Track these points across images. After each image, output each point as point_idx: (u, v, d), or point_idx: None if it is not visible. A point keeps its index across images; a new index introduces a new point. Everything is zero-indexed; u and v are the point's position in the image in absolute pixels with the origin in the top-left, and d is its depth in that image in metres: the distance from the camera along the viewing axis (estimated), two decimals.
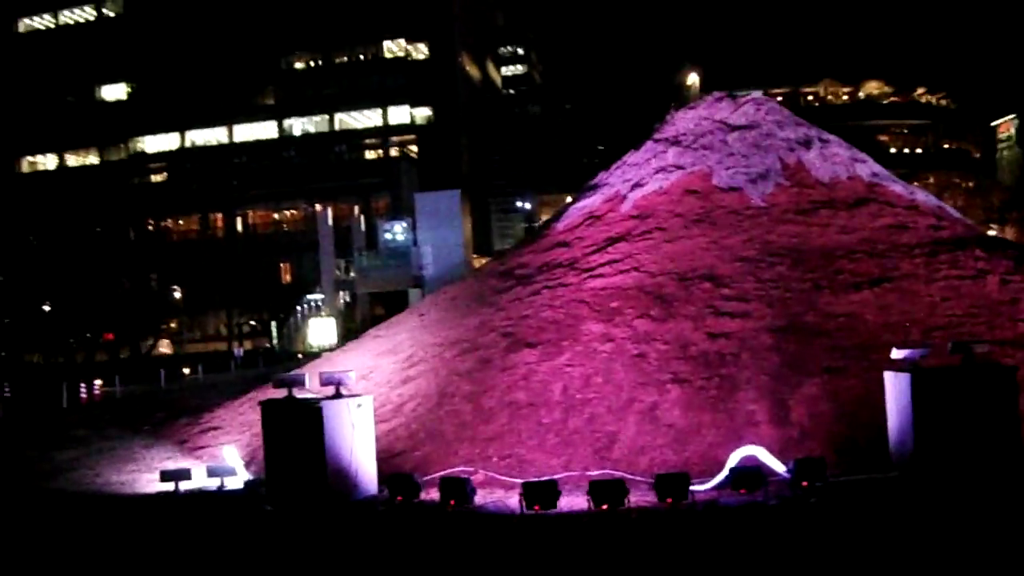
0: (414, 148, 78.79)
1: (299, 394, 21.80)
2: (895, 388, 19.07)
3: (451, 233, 62.29)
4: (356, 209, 67.05)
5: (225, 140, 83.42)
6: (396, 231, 63.64)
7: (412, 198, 73.85)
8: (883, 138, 66.43)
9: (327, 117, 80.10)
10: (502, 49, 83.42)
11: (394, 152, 78.94)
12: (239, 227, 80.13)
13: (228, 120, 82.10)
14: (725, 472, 19.67)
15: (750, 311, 25.76)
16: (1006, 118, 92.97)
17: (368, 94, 77.32)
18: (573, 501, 19.50)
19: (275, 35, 78.07)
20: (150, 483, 24.09)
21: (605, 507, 18.27)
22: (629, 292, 27.74)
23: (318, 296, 62.42)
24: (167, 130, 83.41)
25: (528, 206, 73.97)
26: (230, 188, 76.57)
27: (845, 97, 69.23)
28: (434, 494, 19.96)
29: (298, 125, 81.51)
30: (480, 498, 19.95)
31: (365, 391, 28.20)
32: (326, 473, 20.47)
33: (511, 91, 79.42)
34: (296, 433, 20.83)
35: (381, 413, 25.46)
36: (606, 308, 27.23)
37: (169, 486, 22.32)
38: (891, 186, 30.88)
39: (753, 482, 19.17)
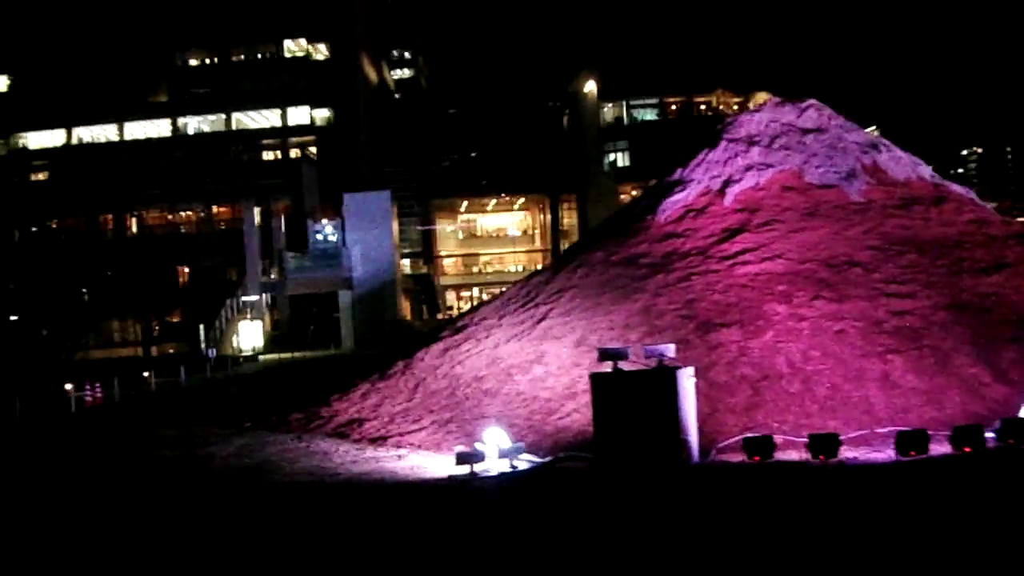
0: (313, 150, 78.12)
1: (624, 367, 23.28)
2: None
3: (381, 234, 62.75)
4: (257, 211, 65.88)
5: (115, 138, 78.97)
6: (327, 232, 63.29)
7: (314, 201, 73.24)
8: None
9: (224, 116, 77.74)
10: (393, 52, 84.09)
11: (294, 153, 77.94)
12: (134, 228, 76.15)
13: (119, 117, 77.72)
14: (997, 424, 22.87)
15: (912, 292, 29.60)
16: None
17: (267, 94, 75.79)
18: (876, 455, 22.32)
19: (170, 30, 74.90)
20: (413, 469, 24.49)
21: (912, 455, 21.18)
22: (786, 277, 30.86)
23: (252, 298, 61.04)
24: (52, 126, 77.84)
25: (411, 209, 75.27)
26: (121, 188, 72.73)
27: (736, 107, 75.49)
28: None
29: (193, 124, 78.48)
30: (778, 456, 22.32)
31: (551, 373, 29.86)
32: (679, 437, 22.22)
33: (399, 95, 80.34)
34: (642, 401, 22.33)
35: None
36: (776, 291, 30.21)
37: (463, 469, 23.11)
38: (950, 186, 35.69)
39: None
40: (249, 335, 58.85)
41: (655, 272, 33.23)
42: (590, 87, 75.66)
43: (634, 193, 78.29)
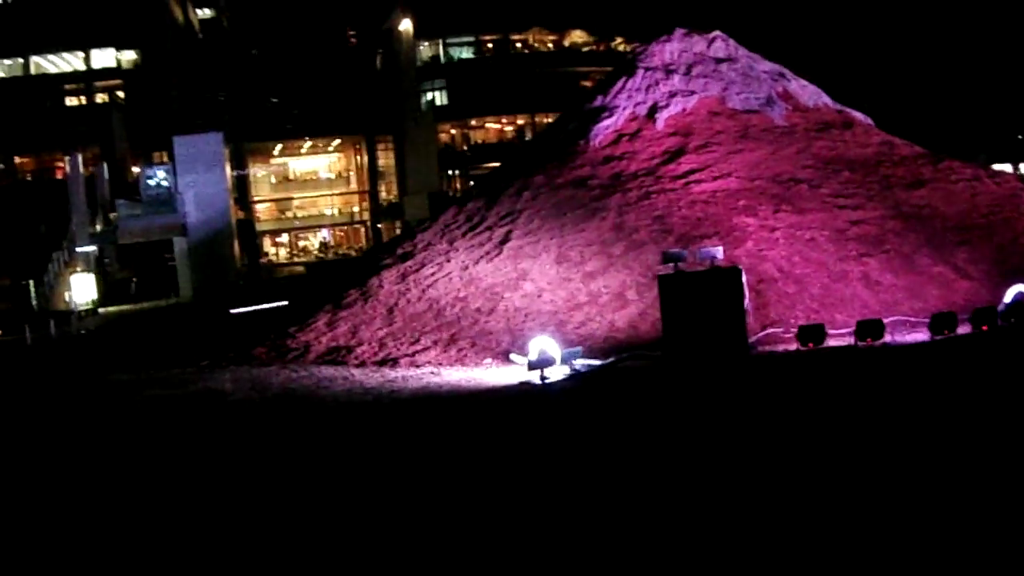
0: (121, 94, 72.54)
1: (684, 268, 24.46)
2: None
3: (214, 178, 59.76)
4: (68, 161, 60.90)
5: None
6: (159, 177, 59.49)
7: (124, 148, 68.35)
8: (586, 83, 74.81)
9: (21, 61, 70.42)
10: None
11: (100, 99, 72.01)
12: None
13: None
14: (1002, 305, 26.10)
15: (860, 204, 32.51)
16: None
17: (68, 36, 69.32)
18: (915, 336, 25.00)
19: None
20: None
21: (946, 334, 24.11)
22: (743, 193, 33.00)
23: (87, 248, 56.50)
24: None
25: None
26: None
27: (551, 45, 76.99)
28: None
29: None
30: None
31: (542, 289, 30.60)
32: (745, 331, 23.71)
33: (202, 36, 75.83)
34: (708, 299, 23.59)
35: (605, 303, 28.38)
36: (739, 206, 32.29)
37: (534, 375, 23.77)
38: (852, 112, 38.96)
39: (1021, 311, 25.98)
40: (83, 288, 54.77)
41: (610, 192, 34.35)
42: (405, 25, 74.93)
43: (453, 132, 78.82)
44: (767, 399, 19.41)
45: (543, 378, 23.69)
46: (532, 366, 23.82)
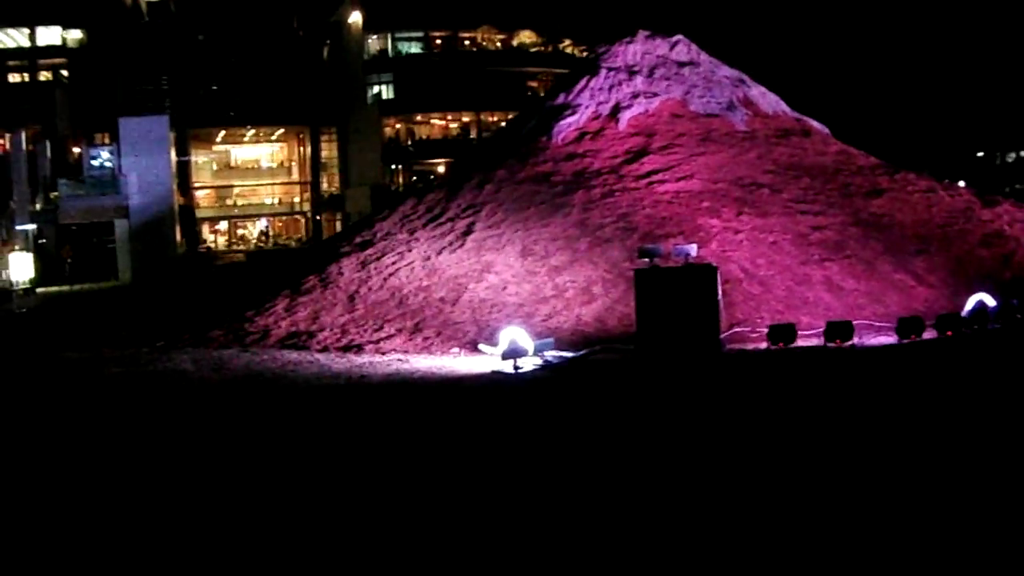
0: (65, 73, 70.46)
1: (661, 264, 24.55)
2: None
3: (158, 161, 58.59)
4: (10, 138, 59.27)
5: None
6: (103, 158, 58.11)
7: (66, 127, 66.57)
8: (532, 84, 75.00)
9: None
10: None
11: (44, 77, 69.89)
12: None
13: None
14: (964, 312, 26.72)
15: (821, 211, 33.02)
16: None
17: (13, 12, 67.13)
18: (880, 339, 25.50)
19: None
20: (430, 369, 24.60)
21: (913, 338, 24.62)
22: (705, 195, 33.31)
23: (29, 227, 54.91)
24: None
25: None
26: None
27: (499, 44, 76.72)
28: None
29: None
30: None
31: (507, 281, 30.51)
32: (719, 328, 23.91)
33: (148, 19, 74.07)
34: (683, 295, 23.74)
35: (571, 297, 28.43)
36: (703, 207, 32.58)
37: (506, 365, 23.69)
38: (809, 120, 39.57)
39: (983, 318, 26.61)
40: (21, 267, 53.28)
41: (574, 189, 34.38)
42: (355, 18, 74.23)
43: (397, 126, 78.23)
44: (744, 394, 19.53)
45: (516, 367, 23.56)
46: (506, 355, 23.67)
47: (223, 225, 78.64)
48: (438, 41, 76.98)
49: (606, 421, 17.47)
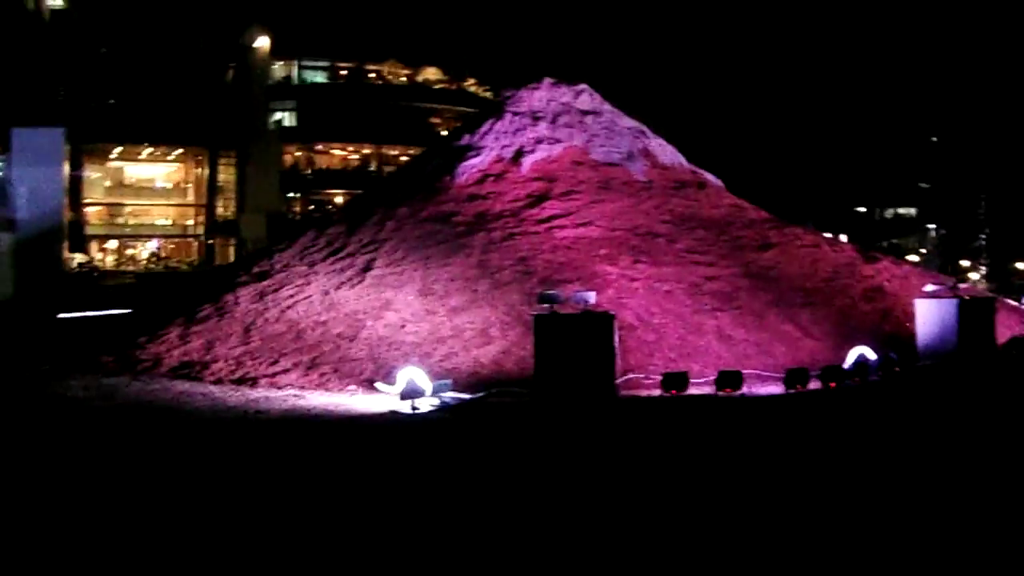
0: None
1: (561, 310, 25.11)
2: (935, 310, 29.22)
3: (51, 174, 57.12)
4: None
5: None
6: None
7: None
8: (435, 120, 75.54)
9: None
10: None
11: None
12: None
13: None
14: (847, 365, 28.00)
15: (713, 262, 34.11)
16: None
17: None
18: (768, 389, 26.56)
19: None
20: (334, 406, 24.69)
21: (799, 388, 25.71)
22: (604, 242, 34.14)
23: None
24: None
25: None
26: None
27: (404, 79, 77.09)
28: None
29: None
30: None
31: (406, 320, 30.77)
32: (614, 374, 24.57)
33: (50, 27, 72.22)
34: (580, 341, 24.35)
35: (469, 339, 28.83)
36: (601, 254, 33.40)
37: (404, 405, 23.94)
38: (704, 173, 40.90)
39: (864, 371, 27.91)
40: None
41: (475, 230, 34.82)
42: (261, 42, 73.83)
43: (298, 154, 77.83)
44: (637, 440, 20.09)
45: (414, 408, 23.75)
46: (404, 395, 23.85)
47: (112, 244, 76.92)
48: (343, 72, 77.13)
49: (503, 463, 17.78)
